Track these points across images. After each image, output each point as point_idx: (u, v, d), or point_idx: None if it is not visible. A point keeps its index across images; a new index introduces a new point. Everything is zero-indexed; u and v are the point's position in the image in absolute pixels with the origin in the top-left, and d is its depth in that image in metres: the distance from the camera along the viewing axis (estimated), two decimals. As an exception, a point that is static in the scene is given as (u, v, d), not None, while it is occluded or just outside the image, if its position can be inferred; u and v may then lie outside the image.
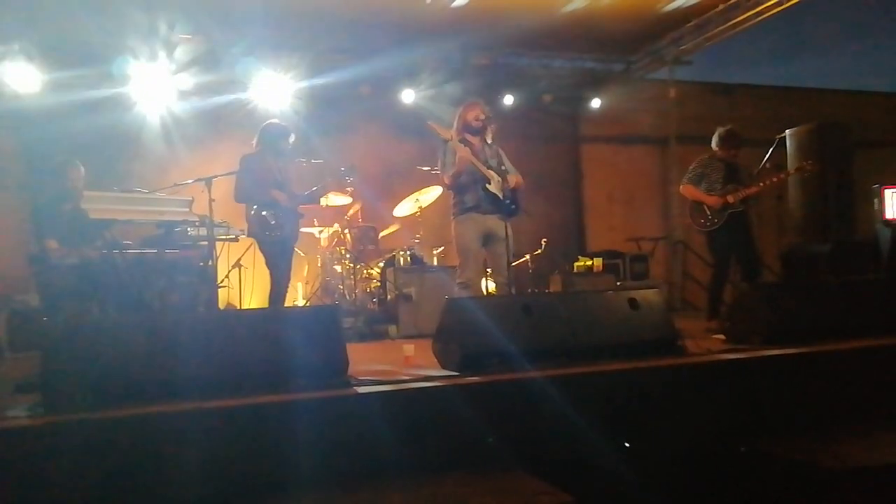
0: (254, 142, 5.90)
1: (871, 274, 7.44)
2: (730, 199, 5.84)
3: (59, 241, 5.38)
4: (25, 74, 7.30)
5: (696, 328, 5.39)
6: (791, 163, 7.66)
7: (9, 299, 6.11)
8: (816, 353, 4.19)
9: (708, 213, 5.93)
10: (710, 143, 6.12)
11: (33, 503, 2.78)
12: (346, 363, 3.66)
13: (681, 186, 6.16)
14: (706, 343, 4.56)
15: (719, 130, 6.09)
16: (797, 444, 3.54)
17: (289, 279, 5.95)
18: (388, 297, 7.03)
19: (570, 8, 7.91)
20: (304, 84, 8.45)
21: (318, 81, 8.46)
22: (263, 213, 5.63)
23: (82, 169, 5.93)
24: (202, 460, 2.91)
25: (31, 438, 2.86)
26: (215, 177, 5.68)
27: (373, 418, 3.22)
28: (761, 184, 5.92)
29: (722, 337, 4.89)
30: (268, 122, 6.09)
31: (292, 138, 6.01)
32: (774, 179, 6.03)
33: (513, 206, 5.40)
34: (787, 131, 8.19)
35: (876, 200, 7.93)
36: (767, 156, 6.17)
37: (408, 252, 7.26)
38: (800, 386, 3.99)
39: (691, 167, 6.12)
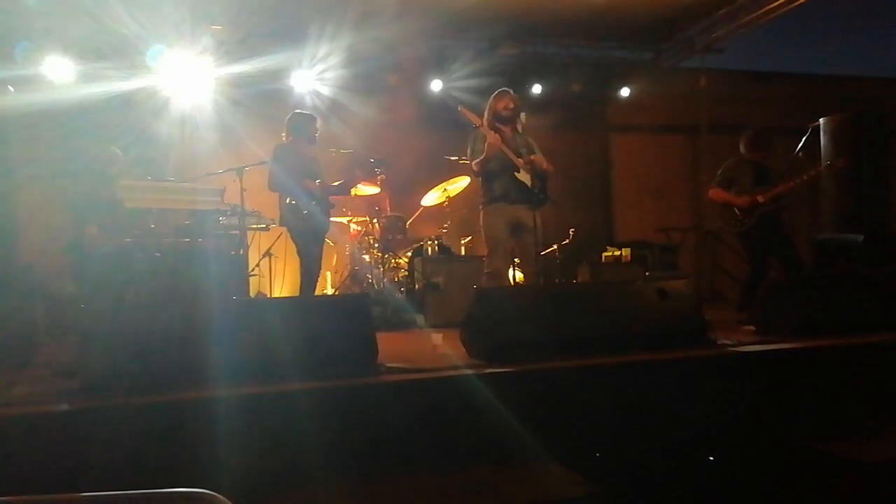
0: (283, 133, 5.94)
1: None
2: (759, 198, 5.76)
3: (99, 226, 5.47)
4: (61, 66, 7.41)
5: (726, 319, 5.34)
6: (825, 154, 7.53)
7: (46, 286, 6.22)
8: (849, 345, 4.12)
9: (738, 214, 5.85)
10: (741, 135, 6.03)
11: (71, 487, 2.84)
12: (376, 352, 3.69)
13: (710, 191, 6.10)
14: (736, 334, 4.52)
15: (747, 132, 6.00)
16: (830, 438, 3.49)
17: (319, 268, 5.99)
18: (416, 286, 7.05)
19: (599, -5, 7.83)
20: (334, 74, 8.48)
21: (349, 71, 8.49)
22: (296, 202, 5.68)
23: (119, 154, 6.03)
24: (233, 446, 2.95)
25: (69, 423, 2.92)
26: (247, 167, 5.74)
27: (401, 407, 3.24)
28: (791, 182, 5.82)
29: (752, 328, 4.83)
30: (293, 112, 6.14)
31: (319, 123, 6.06)
32: (805, 177, 5.92)
33: (541, 196, 5.38)
34: (820, 120, 8.04)
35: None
36: (800, 145, 6.06)
37: (436, 241, 7.27)
38: (832, 379, 3.94)
39: (720, 171, 6.06)
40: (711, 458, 3.47)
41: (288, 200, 5.70)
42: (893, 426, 3.65)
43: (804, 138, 6.22)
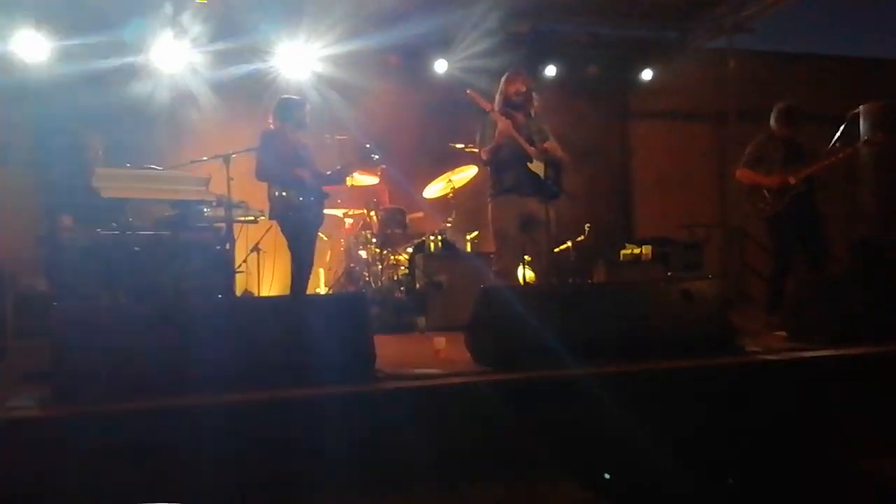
0: (269, 119, 5.93)
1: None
2: (791, 179, 5.72)
3: (74, 217, 5.48)
4: (33, 43, 7.41)
5: (754, 324, 5.34)
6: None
7: (15, 283, 6.24)
8: (888, 354, 4.12)
9: (768, 196, 5.81)
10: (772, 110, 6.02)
11: (43, 497, 2.85)
12: (374, 356, 3.69)
13: (737, 171, 6.06)
14: (766, 340, 4.52)
15: (777, 106, 5.98)
16: (870, 455, 3.49)
17: (312, 265, 6.00)
18: (417, 285, 7.05)
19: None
20: (328, 53, 8.46)
21: (343, 49, 8.46)
22: (286, 193, 5.67)
23: (98, 139, 6.03)
24: (218, 456, 2.96)
25: (40, 430, 2.93)
26: (234, 153, 5.74)
27: (401, 416, 3.25)
28: (825, 161, 5.78)
29: (784, 334, 4.83)
30: (280, 97, 6.14)
31: (308, 107, 6.06)
32: (840, 156, 5.88)
33: (555, 188, 5.37)
34: (860, 107, 8.01)
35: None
36: (838, 134, 6.03)
37: (439, 237, 7.27)
38: (871, 390, 3.93)
39: (748, 150, 6.02)
40: (731, 481, 3.47)
41: (277, 193, 5.70)
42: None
43: (842, 127, 6.19)
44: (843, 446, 3.62)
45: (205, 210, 5.93)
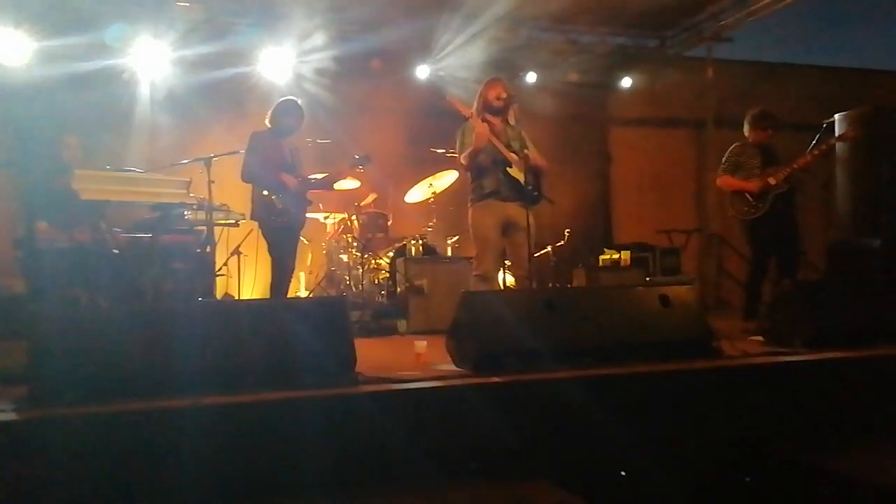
0: (266, 119, 5.89)
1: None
2: (771, 180, 5.81)
3: (50, 222, 5.42)
4: (13, 44, 7.33)
5: (732, 328, 5.37)
6: (840, 153, 7.60)
7: (-8, 284, 6.17)
8: (864, 358, 4.16)
9: (751, 199, 5.89)
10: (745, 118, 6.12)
11: (19, 502, 2.82)
12: (354, 360, 3.68)
13: (717, 179, 6.15)
14: (743, 345, 4.55)
15: (750, 112, 6.09)
16: (842, 457, 3.52)
17: (293, 268, 5.97)
18: (398, 289, 7.05)
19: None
20: (311, 57, 8.45)
21: (325, 54, 8.46)
22: (270, 196, 5.63)
23: (76, 140, 5.97)
24: (199, 460, 2.93)
25: (16, 434, 2.89)
26: (215, 156, 5.70)
27: (381, 420, 3.24)
28: (802, 159, 5.88)
29: (761, 338, 4.86)
30: (283, 98, 6.04)
31: (303, 122, 6.01)
32: (816, 152, 5.99)
33: (535, 193, 5.39)
34: (836, 115, 8.11)
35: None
36: (814, 142, 6.12)
37: (420, 241, 7.27)
38: (845, 393, 3.97)
39: (725, 157, 6.11)
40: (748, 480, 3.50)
41: (260, 195, 5.66)
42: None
43: (818, 135, 6.27)
44: (818, 448, 3.64)
45: (185, 213, 5.91)
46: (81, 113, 7.14)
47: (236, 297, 7.45)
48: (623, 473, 3.44)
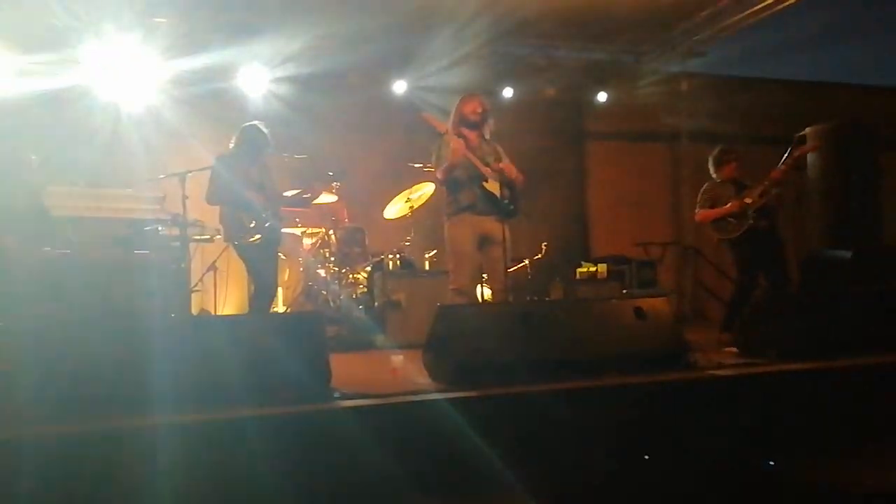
0: (231, 142, 5.84)
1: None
2: (747, 199, 5.88)
3: (17, 238, 5.35)
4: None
5: (707, 340, 5.43)
6: (810, 166, 7.72)
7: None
8: (837, 368, 4.22)
9: (732, 220, 5.96)
10: (723, 142, 6.21)
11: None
12: (329, 374, 3.67)
13: (696, 216, 6.23)
14: (718, 356, 4.59)
15: (712, 153, 6.23)
16: (815, 466, 3.56)
17: (276, 287, 5.91)
18: (376, 303, 7.04)
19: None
20: (288, 72, 8.45)
21: (304, 70, 8.46)
22: (238, 214, 5.57)
23: (33, 158, 5.90)
24: (173, 478, 2.92)
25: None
26: (189, 172, 5.68)
27: (357, 434, 3.24)
28: (773, 173, 5.96)
29: (735, 350, 4.91)
30: (250, 123, 5.96)
31: (271, 150, 5.96)
32: (786, 165, 6.07)
33: (511, 207, 5.41)
34: (806, 130, 8.23)
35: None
36: (785, 156, 6.20)
37: (397, 255, 7.27)
38: (818, 403, 4.01)
39: (700, 196, 6.22)
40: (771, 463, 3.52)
41: (230, 217, 5.58)
42: (883, 453, 3.72)
43: (789, 149, 6.37)
44: (792, 458, 3.68)
45: (160, 228, 5.86)
46: (53, 129, 7.08)
47: (213, 313, 7.40)
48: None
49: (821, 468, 3.54)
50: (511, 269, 5.60)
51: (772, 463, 3.62)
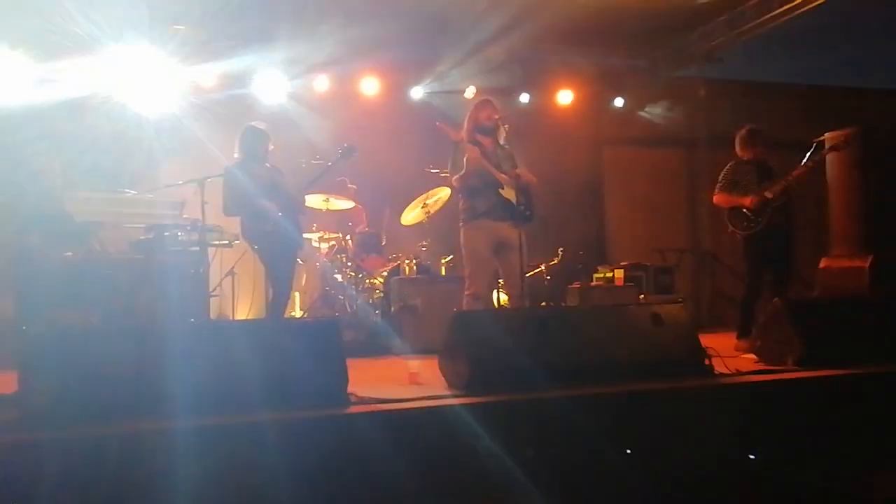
0: (235, 151, 5.81)
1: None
2: (767, 194, 5.80)
3: (39, 242, 5.41)
4: (9, 67, 7.36)
5: (725, 347, 5.37)
6: (829, 171, 7.65)
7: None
8: (855, 376, 4.17)
9: (749, 214, 5.88)
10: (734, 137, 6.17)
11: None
12: (346, 380, 3.68)
13: (714, 197, 6.13)
14: (735, 363, 4.56)
15: (739, 132, 6.12)
16: (835, 474, 3.53)
17: (289, 291, 5.91)
18: (393, 308, 7.05)
19: (591, -1, 7.93)
20: (306, 79, 8.51)
21: (321, 76, 8.52)
22: (256, 222, 5.55)
23: (55, 164, 5.97)
24: (192, 481, 2.93)
25: (8, 456, 2.88)
26: (208, 178, 5.70)
27: (374, 440, 3.24)
28: (797, 171, 5.89)
29: (753, 357, 4.88)
30: (247, 125, 5.93)
31: (271, 146, 5.92)
32: (809, 164, 6.01)
33: (527, 213, 5.41)
34: (826, 134, 8.16)
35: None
36: (805, 160, 6.15)
37: (414, 261, 7.28)
38: (838, 411, 3.98)
39: (721, 175, 6.11)
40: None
41: (248, 223, 5.58)
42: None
43: (808, 154, 6.31)
44: (811, 466, 3.65)
45: (179, 234, 5.90)
46: (76, 135, 7.15)
47: (231, 318, 7.43)
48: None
49: (843, 477, 3.51)
50: (527, 275, 5.58)
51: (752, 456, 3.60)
